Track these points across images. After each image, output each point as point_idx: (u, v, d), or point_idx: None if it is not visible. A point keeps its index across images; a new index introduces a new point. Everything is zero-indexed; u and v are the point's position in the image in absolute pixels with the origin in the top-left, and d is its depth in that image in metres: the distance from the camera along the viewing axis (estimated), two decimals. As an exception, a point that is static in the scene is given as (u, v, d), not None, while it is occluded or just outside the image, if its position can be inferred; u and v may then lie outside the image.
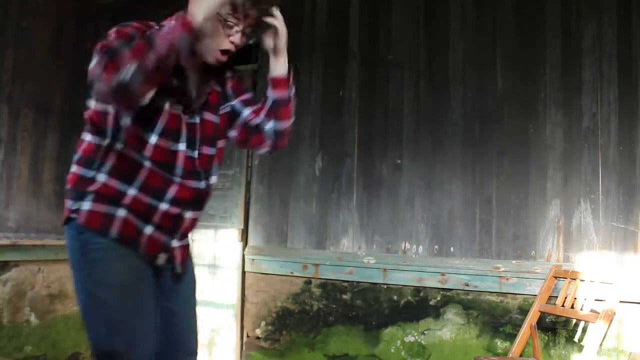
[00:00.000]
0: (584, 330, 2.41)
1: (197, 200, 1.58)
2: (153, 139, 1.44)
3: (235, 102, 1.62)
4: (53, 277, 3.12)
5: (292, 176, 3.32)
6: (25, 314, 2.96)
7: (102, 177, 1.46)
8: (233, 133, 1.64)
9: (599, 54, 2.58)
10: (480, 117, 2.83)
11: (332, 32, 3.30)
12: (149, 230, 1.50)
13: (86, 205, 1.46)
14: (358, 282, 2.99)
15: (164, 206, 1.49)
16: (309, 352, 3.09)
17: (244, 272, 3.40)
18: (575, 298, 2.29)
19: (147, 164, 1.45)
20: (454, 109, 2.89)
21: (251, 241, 3.42)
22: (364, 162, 3.10)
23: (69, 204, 1.51)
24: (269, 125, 1.57)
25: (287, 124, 1.59)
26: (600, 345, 2.20)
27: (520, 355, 2.37)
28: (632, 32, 2.53)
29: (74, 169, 1.53)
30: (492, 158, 2.79)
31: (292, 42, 1.65)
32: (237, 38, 1.45)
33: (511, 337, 2.57)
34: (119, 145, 1.45)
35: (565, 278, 2.38)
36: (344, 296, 3.05)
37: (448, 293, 2.80)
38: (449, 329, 2.77)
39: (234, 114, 1.62)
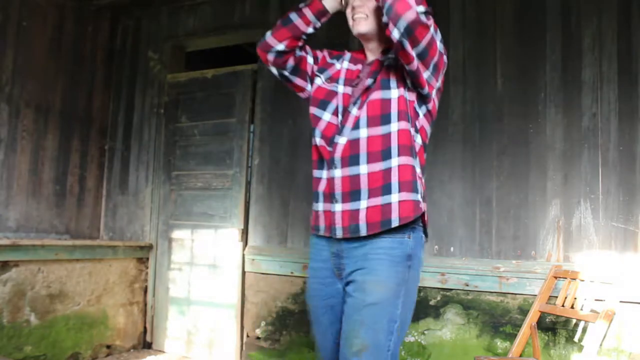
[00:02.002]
0: (584, 330, 2.41)
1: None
2: None
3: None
4: (53, 277, 3.12)
5: (292, 176, 3.32)
6: (25, 314, 2.96)
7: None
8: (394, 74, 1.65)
9: (599, 54, 2.59)
10: (480, 117, 2.83)
11: (332, 32, 3.29)
12: None
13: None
14: (358, 282, 2.99)
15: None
16: (309, 352, 3.09)
17: (244, 272, 3.40)
18: (575, 298, 2.29)
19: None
20: (454, 109, 2.89)
21: (251, 241, 3.42)
22: (364, 162, 3.09)
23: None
24: (394, 33, 1.46)
25: (406, 19, 1.42)
26: (600, 345, 2.20)
27: (520, 355, 2.37)
28: (632, 32, 2.53)
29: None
30: (492, 158, 2.79)
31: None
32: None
33: (511, 337, 2.57)
34: None
35: (565, 278, 2.38)
36: (344, 296, 3.04)
37: (448, 293, 2.80)
38: (449, 329, 2.77)
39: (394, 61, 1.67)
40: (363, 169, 1.56)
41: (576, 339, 2.42)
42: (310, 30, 1.70)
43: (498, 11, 2.83)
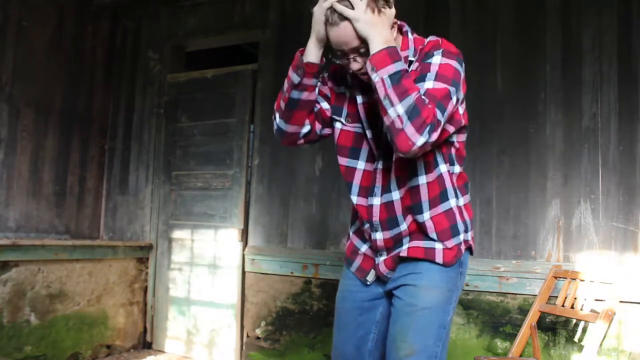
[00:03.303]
0: (584, 330, 2.41)
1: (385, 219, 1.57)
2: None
3: None
4: (53, 277, 3.12)
5: (292, 176, 3.32)
6: (25, 314, 2.96)
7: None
8: None
9: (599, 54, 2.58)
10: (480, 117, 2.83)
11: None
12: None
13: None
14: (358, 282, 2.99)
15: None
16: (309, 352, 3.09)
17: (244, 272, 3.40)
18: (575, 298, 2.29)
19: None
20: (454, 109, 2.89)
21: (251, 241, 3.42)
22: (364, 162, 3.09)
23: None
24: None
25: (386, 120, 1.31)
26: (600, 345, 2.20)
27: (520, 355, 2.37)
28: (632, 32, 2.53)
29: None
30: (492, 158, 2.79)
31: (292, 42, 1.64)
32: (354, 66, 1.40)
33: (511, 337, 2.57)
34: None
35: (565, 278, 2.38)
36: (344, 296, 3.04)
37: (448, 293, 2.79)
38: (449, 329, 2.77)
39: None
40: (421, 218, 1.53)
41: (576, 339, 2.43)
42: (316, 88, 1.53)
43: (498, 11, 2.83)
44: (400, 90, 1.27)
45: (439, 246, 1.52)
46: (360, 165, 1.54)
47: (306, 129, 1.54)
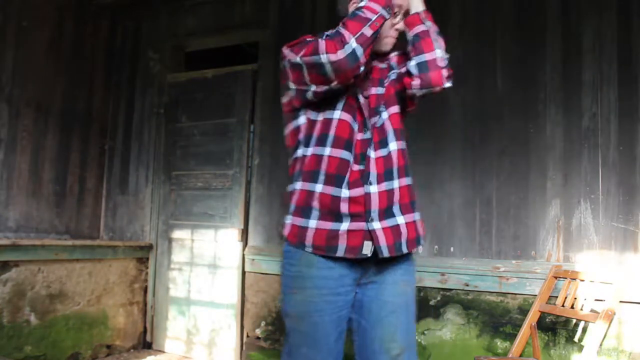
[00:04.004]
0: (584, 330, 2.41)
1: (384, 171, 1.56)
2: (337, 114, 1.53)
3: (398, 68, 1.67)
4: (53, 277, 3.12)
5: (292, 176, 3.32)
6: (25, 314, 2.96)
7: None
8: (396, 91, 1.64)
9: (599, 54, 2.58)
10: (480, 117, 2.83)
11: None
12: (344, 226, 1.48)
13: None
14: (358, 282, 2.99)
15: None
16: (309, 352, 3.08)
17: (244, 272, 3.40)
18: (575, 298, 2.29)
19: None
20: (454, 109, 2.89)
21: (251, 241, 3.42)
22: (364, 162, 3.09)
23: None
24: (412, 62, 1.56)
25: (429, 55, 1.54)
26: (600, 345, 2.20)
27: (520, 355, 2.37)
28: (632, 32, 2.53)
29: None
30: (492, 158, 2.79)
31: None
32: (400, 25, 1.62)
33: (511, 337, 2.57)
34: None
35: (565, 278, 2.38)
36: (344, 296, 3.04)
37: (448, 293, 2.80)
38: (449, 329, 2.77)
39: (397, 77, 1.65)
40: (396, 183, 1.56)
41: (576, 339, 2.43)
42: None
43: (498, 11, 2.83)
44: (444, 42, 1.57)
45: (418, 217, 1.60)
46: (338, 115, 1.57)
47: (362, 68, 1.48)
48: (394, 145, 1.55)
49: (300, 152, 1.56)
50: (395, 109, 1.60)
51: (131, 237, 3.81)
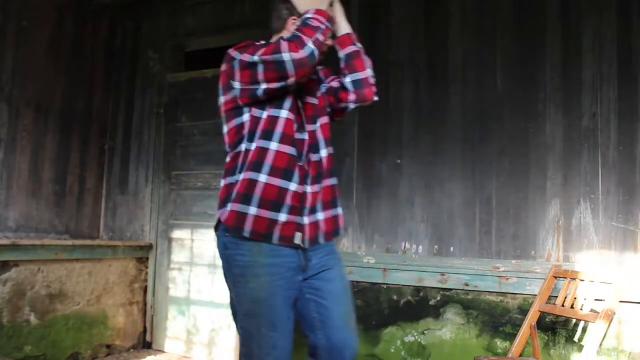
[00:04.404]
0: (584, 330, 2.41)
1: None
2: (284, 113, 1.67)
3: (326, 82, 1.87)
4: (53, 277, 3.12)
5: (292, 176, 3.32)
6: (25, 314, 2.96)
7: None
8: (328, 103, 1.85)
9: (599, 54, 2.58)
10: (480, 117, 2.83)
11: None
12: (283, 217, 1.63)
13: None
14: (358, 282, 2.99)
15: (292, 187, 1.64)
16: (309, 352, 3.08)
17: (244, 272, 3.39)
18: (575, 298, 2.29)
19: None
20: (454, 109, 2.89)
21: (251, 241, 3.41)
22: (363, 162, 3.10)
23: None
24: (347, 79, 1.80)
25: (363, 74, 1.80)
26: (600, 345, 2.20)
27: (520, 355, 2.37)
28: (632, 32, 2.53)
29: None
30: (492, 158, 2.79)
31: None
32: (329, 42, 1.78)
33: (511, 337, 2.57)
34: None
35: (565, 278, 2.38)
36: (344, 296, 3.04)
37: (448, 293, 2.80)
38: (449, 329, 2.77)
39: (328, 91, 1.86)
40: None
41: (576, 339, 2.43)
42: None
43: (498, 11, 2.83)
44: (370, 62, 1.85)
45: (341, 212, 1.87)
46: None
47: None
48: (324, 152, 1.75)
49: (243, 146, 1.66)
50: (325, 119, 1.80)
51: (131, 237, 3.81)
